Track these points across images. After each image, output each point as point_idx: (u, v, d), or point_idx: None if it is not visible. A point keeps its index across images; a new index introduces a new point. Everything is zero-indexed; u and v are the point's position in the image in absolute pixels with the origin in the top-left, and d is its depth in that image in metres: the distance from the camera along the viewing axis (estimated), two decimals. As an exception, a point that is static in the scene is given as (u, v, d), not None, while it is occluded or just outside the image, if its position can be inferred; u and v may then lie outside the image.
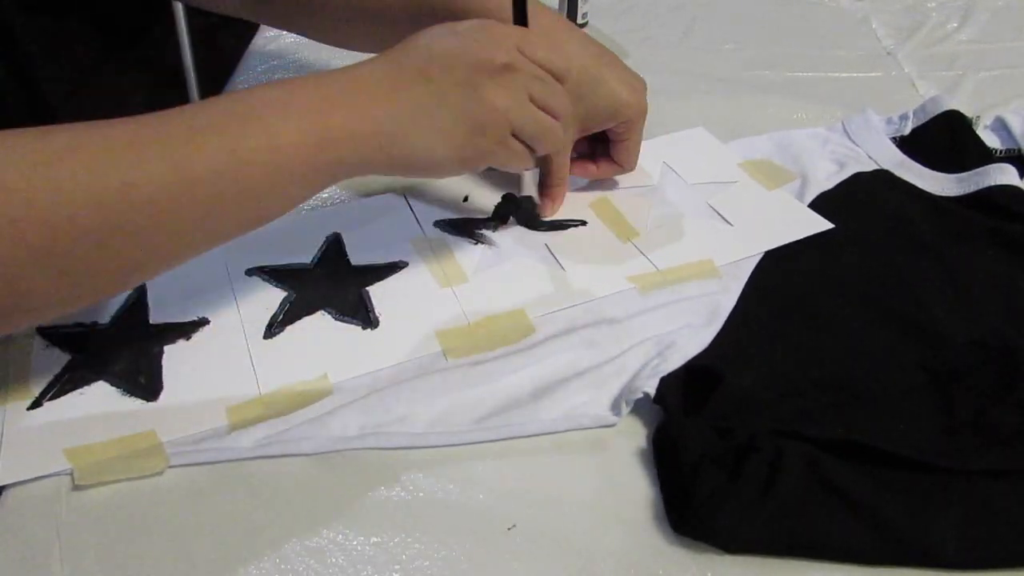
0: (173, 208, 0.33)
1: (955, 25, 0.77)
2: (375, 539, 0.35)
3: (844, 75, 0.70)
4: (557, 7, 0.78)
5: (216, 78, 0.78)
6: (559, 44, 0.44)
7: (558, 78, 0.42)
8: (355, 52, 0.52)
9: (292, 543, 0.35)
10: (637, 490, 0.37)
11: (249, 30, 0.74)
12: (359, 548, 0.35)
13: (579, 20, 0.77)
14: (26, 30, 0.46)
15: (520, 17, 0.44)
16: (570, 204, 0.53)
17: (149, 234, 0.33)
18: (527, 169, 0.46)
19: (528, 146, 0.42)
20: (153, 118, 0.34)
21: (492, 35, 0.40)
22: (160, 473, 0.37)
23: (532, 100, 0.41)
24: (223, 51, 0.68)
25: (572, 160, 0.51)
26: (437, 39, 0.39)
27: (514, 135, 0.41)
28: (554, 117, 0.42)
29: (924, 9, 0.81)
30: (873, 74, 0.70)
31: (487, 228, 0.51)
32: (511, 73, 0.39)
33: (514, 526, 0.36)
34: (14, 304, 0.32)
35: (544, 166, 0.50)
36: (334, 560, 0.35)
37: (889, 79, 0.70)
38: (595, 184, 0.54)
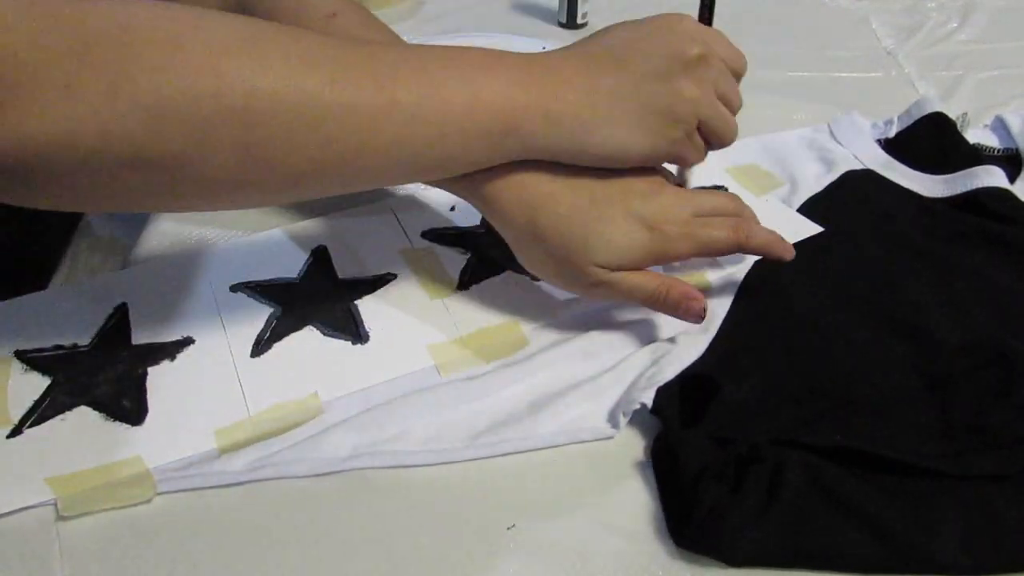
0: (368, 121, 0.36)
1: (955, 25, 0.80)
2: (375, 539, 0.37)
3: (844, 75, 0.73)
4: (557, 7, 0.81)
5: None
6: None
7: (736, 76, 0.45)
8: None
9: (292, 544, 0.37)
10: (637, 501, 0.38)
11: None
12: (359, 548, 0.37)
13: (579, 20, 0.80)
14: None
15: (706, 17, 0.46)
16: None
17: (335, 139, 0.36)
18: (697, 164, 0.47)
19: (707, 141, 0.44)
20: (361, 42, 0.38)
21: (685, 28, 0.42)
22: (148, 501, 0.38)
23: (716, 95, 0.43)
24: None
25: None
26: (629, 31, 0.42)
27: (698, 129, 0.43)
28: (732, 113, 0.44)
29: (924, 9, 0.84)
30: (873, 74, 0.73)
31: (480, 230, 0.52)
32: (703, 66, 0.41)
33: (514, 526, 0.37)
34: (192, 163, 0.34)
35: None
36: (334, 559, 0.36)
37: (889, 79, 0.72)
38: None
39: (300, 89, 0.34)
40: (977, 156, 0.57)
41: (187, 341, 0.46)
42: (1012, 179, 0.55)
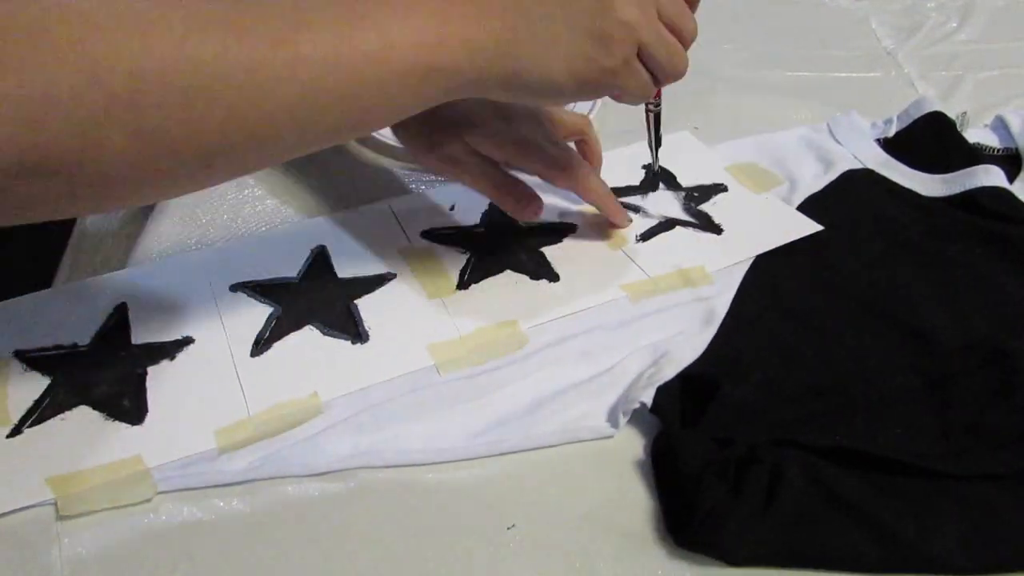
0: (268, 85, 0.32)
1: (955, 25, 0.80)
2: (375, 539, 0.37)
3: (844, 75, 0.73)
4: None
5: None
6: None
7: (690, 3, 0.41)
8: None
9: (292, 543, 0.37)
10: (637, 501, 0.39)
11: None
12: (359, 548, 0.37)
13: None
14: None
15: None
16: (557, 210, 0.55)
17: (238, 108, 0.32)
18: (644, 101, 0.43)
19: (652, 73, 0.40)
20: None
21: None
22: (148, 500, 0.38)
23: (660, 17, 0.38)
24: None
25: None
26: None
27: (639, 57, 0.39)
28: (681, 43, 0.40)
29: (924, 9, 0.84)
30: (873, 74, 0.73)
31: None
32: None
33: (514, 526, 0.37)
34: (87, 162, 0.31)
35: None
36: (334, 559, 0.36)
37: (889, 79, 0.72)
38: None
39: (191, 61, 0.31)
40: (976, 155, 0.57)
41: (187, 341, 0.46)
42: (1012, 179, 0.55)
